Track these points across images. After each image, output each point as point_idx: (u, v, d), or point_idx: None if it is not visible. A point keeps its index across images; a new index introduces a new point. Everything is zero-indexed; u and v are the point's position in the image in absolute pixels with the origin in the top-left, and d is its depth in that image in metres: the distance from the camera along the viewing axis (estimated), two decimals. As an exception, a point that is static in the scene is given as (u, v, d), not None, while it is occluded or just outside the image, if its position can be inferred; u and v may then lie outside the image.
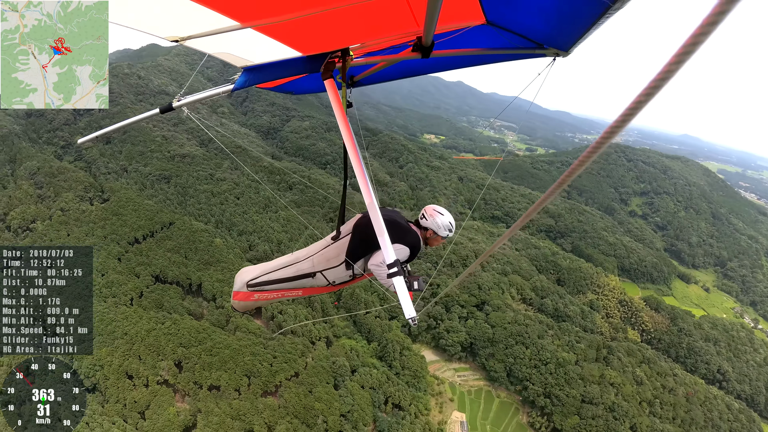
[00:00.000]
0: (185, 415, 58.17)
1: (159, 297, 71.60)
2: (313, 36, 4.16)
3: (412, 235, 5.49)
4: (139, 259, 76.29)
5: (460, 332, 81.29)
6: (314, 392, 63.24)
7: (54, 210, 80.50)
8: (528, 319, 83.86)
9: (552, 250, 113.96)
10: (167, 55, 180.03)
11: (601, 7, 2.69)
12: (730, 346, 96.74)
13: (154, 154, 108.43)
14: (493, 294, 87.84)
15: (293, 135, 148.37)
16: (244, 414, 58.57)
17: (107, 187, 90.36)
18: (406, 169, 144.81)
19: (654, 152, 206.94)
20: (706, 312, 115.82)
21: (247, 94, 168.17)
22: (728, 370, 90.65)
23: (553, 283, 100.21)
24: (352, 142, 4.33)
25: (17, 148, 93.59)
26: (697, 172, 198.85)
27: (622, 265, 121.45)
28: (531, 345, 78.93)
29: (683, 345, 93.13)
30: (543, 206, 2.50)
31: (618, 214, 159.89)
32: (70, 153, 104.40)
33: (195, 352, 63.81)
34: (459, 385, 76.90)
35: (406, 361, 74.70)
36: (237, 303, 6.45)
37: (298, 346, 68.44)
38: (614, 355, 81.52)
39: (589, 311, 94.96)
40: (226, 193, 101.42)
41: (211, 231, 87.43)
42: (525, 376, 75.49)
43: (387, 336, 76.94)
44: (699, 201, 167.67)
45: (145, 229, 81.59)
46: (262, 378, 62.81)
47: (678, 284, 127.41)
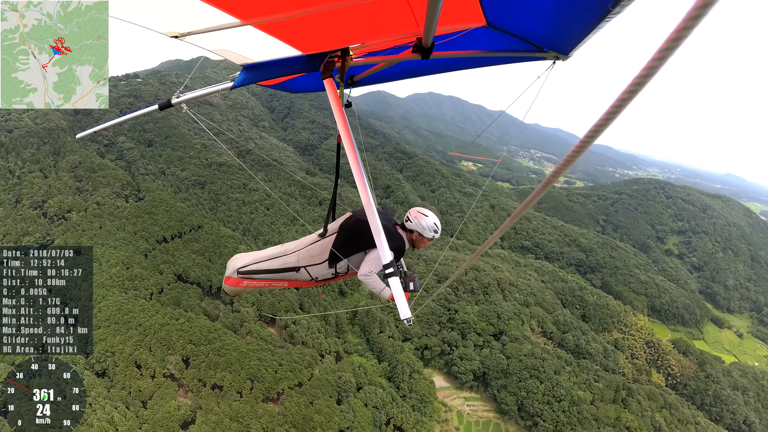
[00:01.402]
0: (185, 410, 59.77)
1: (178, 295, 73.83)
2: (313, 35, 4.23)
3: (397, 238, 5.65)
4: (165, 257, 78.96)
5: (473, 360, 79.87)
6: (315, 404, 63.52)
7: (90, 203, 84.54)
8: (546, 353, 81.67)
9: (580, 284, 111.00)
10: (215, 68, 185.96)
11: (602, 11, 2.72)
12: (759, 396, 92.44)
13: (193, 160, 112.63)
14: (512, 324, 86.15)
15: (329, 153, 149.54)
16: (242, 416, 59.49)
17: (143, 186, 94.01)
18: (438, 193, 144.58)
19: (694, 190, 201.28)
20: (737, 359, 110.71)
21: (289, 111, 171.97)
22: (755, 421, 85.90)
23: (578, 319, 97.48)
24: (350, 142, 4.38)
25: (62, 142, 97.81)
26: (738, 213, 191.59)
27: (652, 305, 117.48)
28: (546, 380, 76.66)
29: (710, 392, 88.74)
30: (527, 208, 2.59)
31: (653, 252, 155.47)
32: (112, 152, 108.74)
33: (203, 350, 65.48)
34: (467, 414, 75.31)
35: (414, 384, 73.99)
36: (228, 288, 6.65)
37: (306, 357, 69.12)
38: (633, 398, 78.60)
39: (612, 350, 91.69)
40: (257, 203, 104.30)
41: (238, 238, 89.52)
42: (536, 411, 73.25)
43: (398, 357, 76.56)
44: (738, 242, 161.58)
45: (174, 229, 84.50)
46: (266, 383, 63.69)
47: (710, 328, 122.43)
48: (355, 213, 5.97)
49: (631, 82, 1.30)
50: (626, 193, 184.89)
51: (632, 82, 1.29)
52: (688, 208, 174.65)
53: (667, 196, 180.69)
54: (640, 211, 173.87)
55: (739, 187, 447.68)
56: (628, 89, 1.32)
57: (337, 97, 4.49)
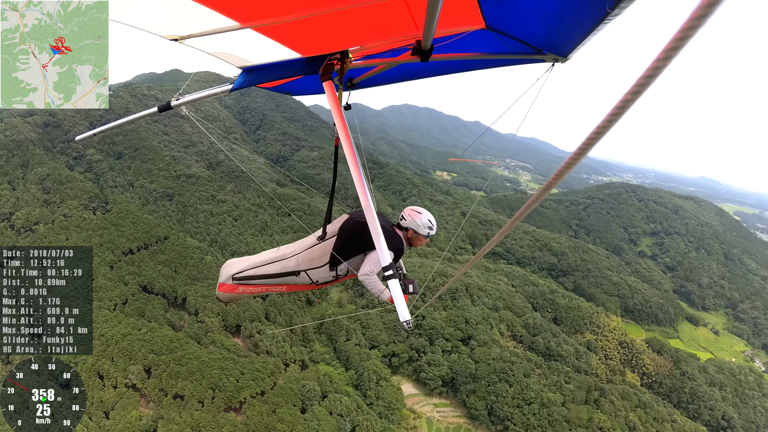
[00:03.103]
0: (147, 420, 59.46)
1: (142, 306, 73.65)
2: (312, 38, 4.20)
3: (396, 238, 5.72)
4: (130, 269, 78.97)
5: (442, 366, 79.12)
6: (278, 413, 62.74)
7: (57, 215, 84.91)
8: (515, 356, 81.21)
9: (551, 288, 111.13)
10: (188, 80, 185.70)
11: (601, 13, 2.65)
12: (737, 391, 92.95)
13: (161, 172, 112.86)
14: (480, 329, 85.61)
15: (301, 164, 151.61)
16: (204, 426, 59.05)
17: (111, 198, 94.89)
18: (409, 202, 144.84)
19: (666, 192, 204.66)
20: (713, 355, 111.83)
21: (261, 123, 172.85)
22: (734, 416, 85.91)
23: (549, 322, 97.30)
24: (350, 144, 4.32)
25: (31, 154, 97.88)
26: (710, 213, 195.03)
27: (625, 306, 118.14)
28: (515, 383, 76.07)
29: (686, 390, 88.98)
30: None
31: (626, 254, 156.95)
32: (81, 164, 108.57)
33: (165, 359, 64.97)
34: (437, 420, 74.39)
35: (381, 392, 73.35)
36: (222, 294, 6.55)
37: (269, 365, 68.60)
38: (606, 398, 78.18)
39: (584, 351, 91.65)
40: (225, 214, 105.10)
41: (204, 248, 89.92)
42: (506, 415, 72.51)
43: (365, 365, 75.97)
44: (711, 241, 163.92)
45: (141, 241, 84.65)
46: (227, 392, 63.11)
47: (686, 326, 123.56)
48: (352, 215, 5.98)
49: (635, 83, 1.28)
50: (598, 197, 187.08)
51: (635, 83, 1.28)
52: (660, 210, 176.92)
53: (639, 199, 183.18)
54: (613, 214, 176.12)
55: (713, 189, 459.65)
56: (632, 90, 1.30)
57: (336, 100, 4.51)
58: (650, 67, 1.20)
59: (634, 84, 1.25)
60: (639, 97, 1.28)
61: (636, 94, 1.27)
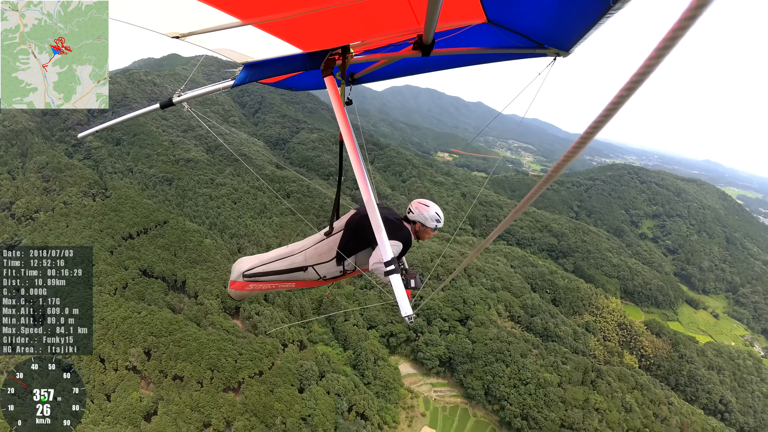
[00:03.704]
0: (148, 401, 60.17)
1: (142, 289, 74.09)
2: (313, 33, 4.23)
3: (404, 231, 5.68)
4: (130, 254, 79.39)
5: (439, 346, 79.61)
6: (276, 392, 63.33)
7: (57, 202, 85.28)
8: (512, 337, 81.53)
9: (551, 269, 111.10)
10: (185, 65, 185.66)
11: (603, 6, 2.61)
12: (735, 375, 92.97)
13: (160, 157, 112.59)
14: (478, 309, 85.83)
15: (300, 146, 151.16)
16: (203, 406, 59.85)
17: (111, 184, 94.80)
18: (409, 183, 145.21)
19: (669, 174, 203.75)
20: (713, 339, 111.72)
21: (260, 106, 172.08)
22: (731, 400, 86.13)
23: (547, 303, 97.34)
24: (351, 140, 4.33)
25: (29, 143, 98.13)
26: (713, 196, 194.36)
27: (625, 288, 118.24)
28: (512, 363, 76.35)
29: (684, 372, 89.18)
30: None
31: (627, 236, 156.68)
32: (80, 151, 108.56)
33: (164, 341, 65.55)
34: (434, 400, 75.02)
35: (379, 371, 73.97)
36: (233, 292, 6.56)
37: (267, 346, 69.11)
38: (603, 379, 78.17)
39: (583, 333, 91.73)
40: (224, 197, 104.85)
41: (203, 232, 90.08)
42: (503, 395, 72.89)
43: (363, 345, 76.42)
44: (713, 225, 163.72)
45: (140, 225, 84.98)
46: (226, 373, 63.73)
47: (685, 309, 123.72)
48: (360, 209, 5.96)
49: (643, 63, 1.28)
50: (600, 179, 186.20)
51: (643, 63, 1.28)
52: (663, 192, 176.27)
53: (641, 181, 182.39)
54: (614, 196, 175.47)
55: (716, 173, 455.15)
56: (626, 86, 1.35)
57: (338, 95, 4.52)
58: (658, 47, 1.19)
59: (642, 65, 1.25)
60: (647, 77, 1.28)
61: (644, 75, 1.27)
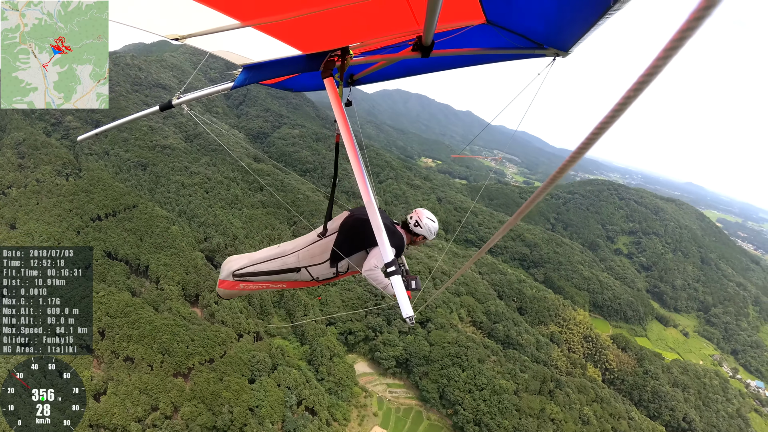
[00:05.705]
0: (98, 380, 59.90)
1: (104, 271, 73.45)
2: (313, 35, 4.19)
3: (398, 236, 5.72)
4: (96, 235, 79.19)
5: (397, 346, 79.24)
6: (225, 381, 62.94)
7: (30, 179, 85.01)
8: (471, 342, 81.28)
9: (519, 278, 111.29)
10: (173, 52, 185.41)
11: (603, 7, 2.57)
12: (701, 394, 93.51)
13: (138, 142, 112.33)
14: (439, 312, 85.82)
15: (280, 141, 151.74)
16: (152, 389, 59.51)
17: (85, 166, 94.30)
18: (385, 184, 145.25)
19: (648, 193, 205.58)
20: (680, 357, 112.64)
21: (244, 98, 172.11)
22: (695, 418, 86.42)
23: (513, 311, 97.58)
24: (351, 141, 4.30)
25: (9, 119, 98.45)
26: (691, 216, 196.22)
27: (594, 301, 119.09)
28: (468, 368, 76.15)
29: (648, 388, 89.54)
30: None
31: (602, 250, 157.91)
32: (58, 131, 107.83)
33: (119, 322, 65.02)
34: (389, 401, 74.60)
35: (333, 368, 73.67)
36: (222, 291, 6.51)
37: (221, 334, 68.63)
38: (562, 390, 78.34)
39: (546, 342, 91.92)
40: (197, 185, 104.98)
41: (172, 218, 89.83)
42: (457, 399, 72.52)
43: (319, 340, 76.02)
44: (689, 244, 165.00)
45: (109, 208, 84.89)
46: (176, 358, 63.31)
47: (655, 326, 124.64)
48: (353, 211, 5.99)
49: (636, 80, 1.29)
50: (579, 193, 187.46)
51: (635, 82, 1.29)
52: (641, 210, 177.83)
53: (620, 198, 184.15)
54: (592, 210, 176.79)
55: (698, 195, 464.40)
56: (634, 87, 1.31)
57: (337, 96, 4.50)
58: (651, 66, 1.20)
59: (636, 81, 1.26)
60: (641, 93, 1.28)
61: (637, 91, 1.27)
